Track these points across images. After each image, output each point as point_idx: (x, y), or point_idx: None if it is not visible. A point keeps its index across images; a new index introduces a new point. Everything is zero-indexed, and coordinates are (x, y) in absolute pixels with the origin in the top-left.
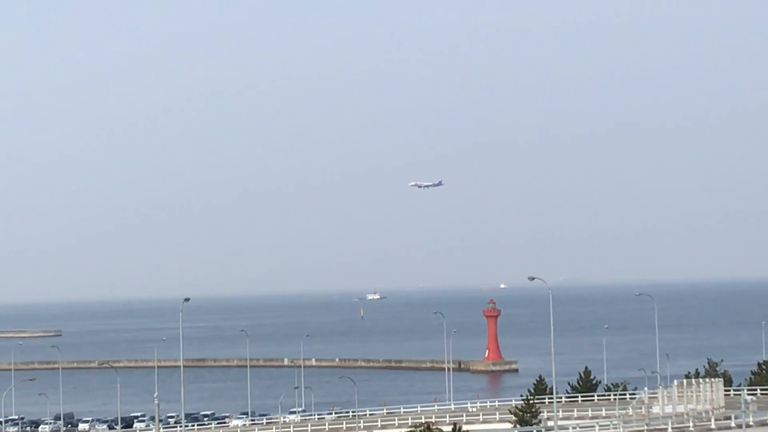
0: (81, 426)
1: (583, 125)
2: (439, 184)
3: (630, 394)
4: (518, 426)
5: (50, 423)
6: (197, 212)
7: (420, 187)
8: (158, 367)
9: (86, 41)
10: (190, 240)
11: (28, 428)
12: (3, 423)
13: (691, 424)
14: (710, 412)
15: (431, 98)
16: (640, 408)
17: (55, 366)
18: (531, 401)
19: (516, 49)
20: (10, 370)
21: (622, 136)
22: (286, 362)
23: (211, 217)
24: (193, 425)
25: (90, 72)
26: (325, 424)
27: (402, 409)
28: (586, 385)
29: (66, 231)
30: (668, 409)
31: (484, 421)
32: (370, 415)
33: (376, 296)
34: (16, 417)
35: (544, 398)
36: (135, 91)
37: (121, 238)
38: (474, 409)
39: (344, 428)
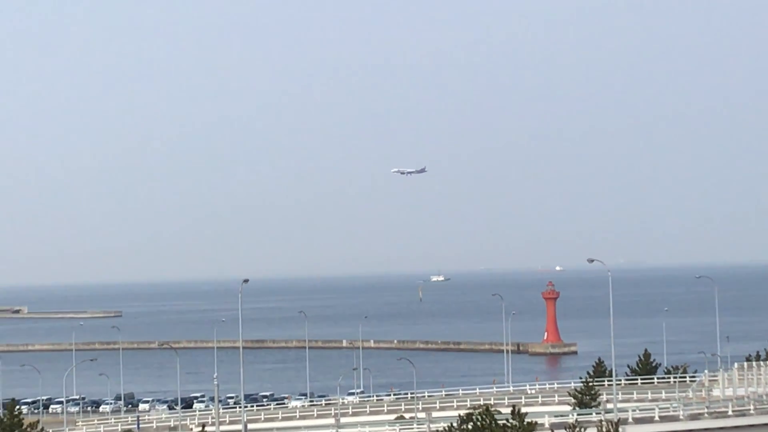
0: (141, 406)
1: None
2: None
3: (690, 377)
4: (577, 408)
5: (111, 403)
6: (257, 195)
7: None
8: (218, 348)
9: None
10: (249, 222)
11: (89, 408)
12: (64, 403)
13: (751, 406)
14: None
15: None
16: (701, 391)
17: (116, 346)
18: (590, 384)
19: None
20: (72, 350)
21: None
22: (344, 344)
23: (271, 199)
24: (252, 406)
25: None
26: (383, 406)
27: (460, 391)
28: (645, 367)
29: (126, 214)
30: (729, 392)
31: (543, 403)
32: (428, 396)
33: (441, 278)
34: (78, 397)
35: (604, 381)
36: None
37: (181, 219)
38: (533, 391)
39: (402, 410)
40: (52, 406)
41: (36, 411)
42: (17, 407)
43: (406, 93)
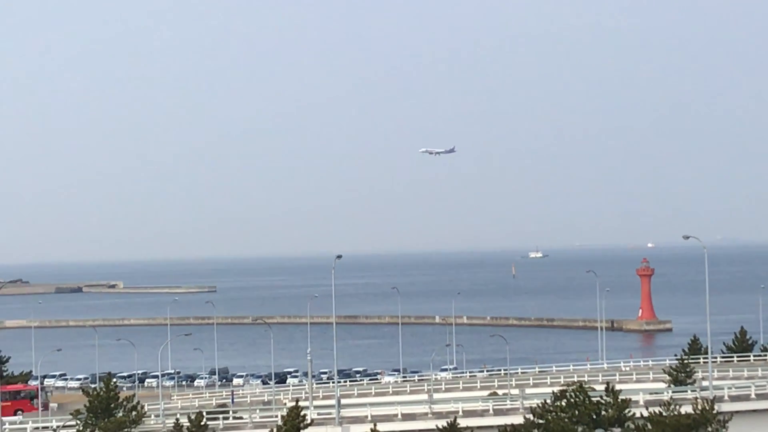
0: (235, 381)
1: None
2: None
3: None
4: (672, 386)
5: (205, 377)
6: (350, 171)
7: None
8: (311, 323)
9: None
10: (343, 198)
11: (183, 382)
12: (160, 377)
13: None
14: None
15: None
16: None
17: (210, 321)
18: (685, 361)
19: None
20: (167, 325)
21: None
22: (437, 320)
23: (364, 176)
24: (345, 381)
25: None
26: (476, 382)
27: (554, 368)
28: (741, 345)
29: (220, 190)
30: None
31: (638, 381)
32: (521, 373)
33: (539, 254)
34: (173, 371)
35: (699, 358)
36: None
37: (275, 195)
38: (627, 369)
39: (496, 386)
40: (147, 380)
41: (132, 385)
42: (113, 381)
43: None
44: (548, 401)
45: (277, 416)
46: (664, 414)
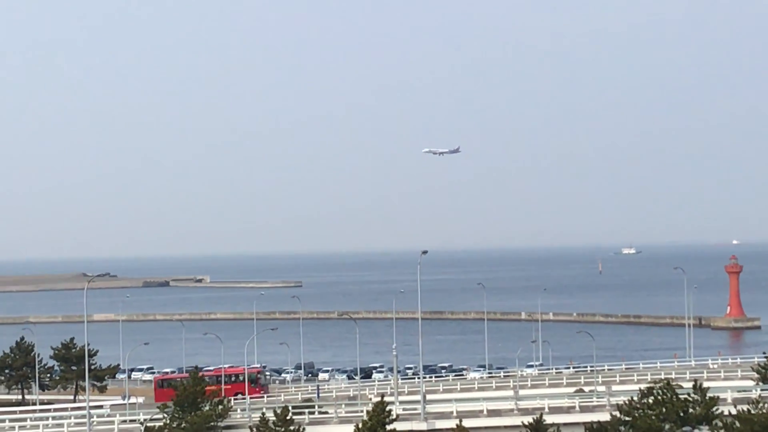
0: (321, 375)
1: None
2: None
3: None
4: (761, 384)
5: (291, 372)
6: (434, 167)
7: None
8: (396, 318)
9: None
10: (424, 192)
11: (270, 377)
12: (246, 371)
13: None
14: None
15: None
16: None
17: (296, 316)
18: None
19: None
20: (253, 319)
21: None
22: (523, 316)
23: (451, 172)
24: (430, 377)
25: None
26: (562, 379)
27: (641, 365)
28: None
29: (306, 186)
30: None
31: (725, 378)
32: (608, 370)
33: (632, 250)
34: (259, 365)
35: None
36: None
37: (361, 191)
38: (715, 366)
39: (582, 383)
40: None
41: (218, 379)
42: (200, 374)
43: None
44: (635, 398)
45: (362, 411)
46: (753, 412)
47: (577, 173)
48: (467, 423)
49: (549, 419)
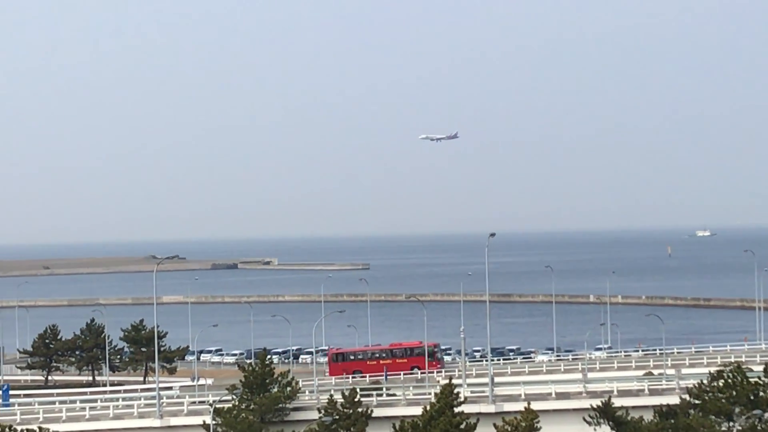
0: None
1: None
2: None
3: None
4: None
5: None
6: (502, 149)
7: None
8: (464, 301)
9: None
10: (495, 176)
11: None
12: (314, 353)
13: None
14: None
15: None
16: None
17: (364, 298)
18: None
19: None
20: (320, 301)
21: None
22: (591, 299)
23: (519, 153)
24: (498, 359)
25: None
26: (631, 362)
27: (711, 348)
28: None
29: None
30: None
31: None
32: (677, 353)
33: (706, 233)
34: (326, 348)
35: None
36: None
37: (429, 174)
38: None
39: (651, 366)
40: (301, 356)
41: (286, 361)
42: (268, 356)
43: None
44: (705, 382)
45: (430, 393)
46: None
47: (651, 153)
48: (535, 406)
49: (618, 402)
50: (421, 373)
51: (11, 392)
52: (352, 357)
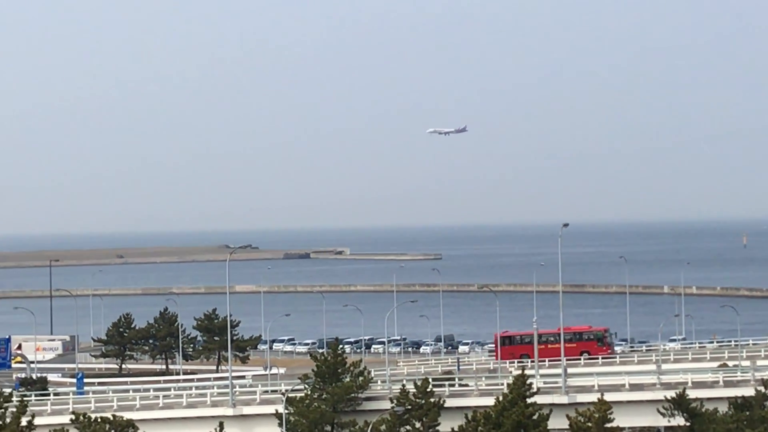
0: (461, 348)
1: None
2: None
3: None
4: None
5: (431, 344)
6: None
7: None
8: (537, 291)
9: None
10: (568, 166)
11: (409, 349)
12: (386, 343)
13: None
14: None
15: None
16: None
17: (436, 289)
18: None
19: None
20: (393, 291)
21: None
22: (665, 290)
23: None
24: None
25: None
26: (705, 353)
27: None
28: None
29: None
30: None
31: None
32: (753, 345)
33: None
34: (399, 338)
35: None
36: None
37: (501, 164)
38: None
39: (726, 357)
40: (373, 346)
41: (358, 350)
42: (341, 346)
43: None
44: None
45: (502, 384)
46: None
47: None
48: (609, 397)
49: (692, 394)
50: (592, 358)
51: (86, 380)
52: (519, 340)
